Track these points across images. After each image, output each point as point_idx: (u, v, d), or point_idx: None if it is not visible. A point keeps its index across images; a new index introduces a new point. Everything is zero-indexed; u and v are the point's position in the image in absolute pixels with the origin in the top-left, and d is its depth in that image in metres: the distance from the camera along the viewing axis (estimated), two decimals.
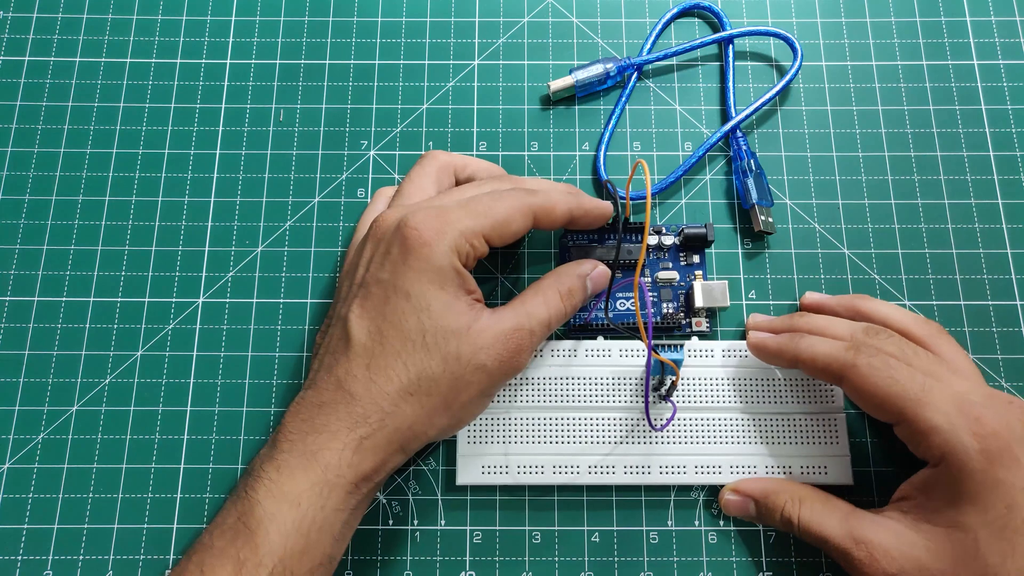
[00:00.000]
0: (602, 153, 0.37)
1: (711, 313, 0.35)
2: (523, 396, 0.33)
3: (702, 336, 0.34)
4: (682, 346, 0.31)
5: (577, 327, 0.34)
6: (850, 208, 0.37)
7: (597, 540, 0.33)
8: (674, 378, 0.31)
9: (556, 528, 0.33)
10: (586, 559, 0.32)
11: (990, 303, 0.36)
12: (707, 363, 0.33)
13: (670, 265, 0.36)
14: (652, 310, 0.31)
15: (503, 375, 0.28)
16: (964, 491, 0.26)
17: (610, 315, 0.34)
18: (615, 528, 0.33)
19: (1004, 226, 0.37)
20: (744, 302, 0.36)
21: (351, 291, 0.29)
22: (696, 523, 0.33)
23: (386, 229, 0.29)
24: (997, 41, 0.40)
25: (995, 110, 0.39)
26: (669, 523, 0.33)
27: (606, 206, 0.32)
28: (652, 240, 0.36)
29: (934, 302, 0.36)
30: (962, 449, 0.26)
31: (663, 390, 0.32)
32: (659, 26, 0.40)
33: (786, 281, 0.36)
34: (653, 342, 0.31)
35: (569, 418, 0.33)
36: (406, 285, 0.28)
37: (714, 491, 0.33)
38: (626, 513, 0.33)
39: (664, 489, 0.33)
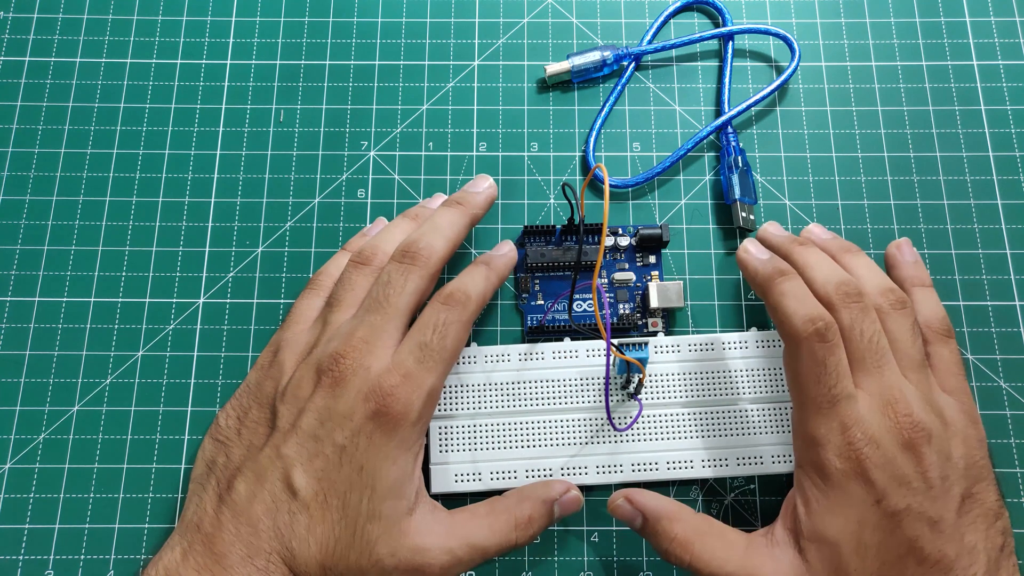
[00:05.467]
0: (592, 139, 0.37)
1: (667, 314, 0.35)
2: (489, 401, 0.33)
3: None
4: (647, 344, 0.31)
5: (534, 329, 0.34)
6: (849, 209, 0.37)
7: (596, 540, 0.33)
8: (641, 376, 0.31)
9: (555, 528, 0.33)
10: (585, 559, 0.33)
11: (989, 304, 0.36)
12: (674, 359, 0.33)
13: (627, 266, 0.36)
14: (608, 311, 0.31)
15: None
16: (825, 503, 0.27)
17: (572, 316, 0.33)
18: (614, 528, 0.33)
19: (1003, 227, 0.37)
20: (744, 302, 0.36)
21: (293, 426, 0.28)
22: None
23: (345, 378, 0.28)
24: (997, 41, 0.40)
25: (994, 111, 0.39)
26: None
27: (504, 248, 0.33)
28: (609, 241, 0.36)
29: None
30: (828, 465, 0.27)
31: (631, 388, 0.32)
32: (660, 19, 0.40)
33: None
34: (618, 341, 0.31)
35: (536, 421, 0.32)
36: (361, 459, 0.27)
37: (713, 491, 0.33)
38: None
39: (663, 489, 0.33)
